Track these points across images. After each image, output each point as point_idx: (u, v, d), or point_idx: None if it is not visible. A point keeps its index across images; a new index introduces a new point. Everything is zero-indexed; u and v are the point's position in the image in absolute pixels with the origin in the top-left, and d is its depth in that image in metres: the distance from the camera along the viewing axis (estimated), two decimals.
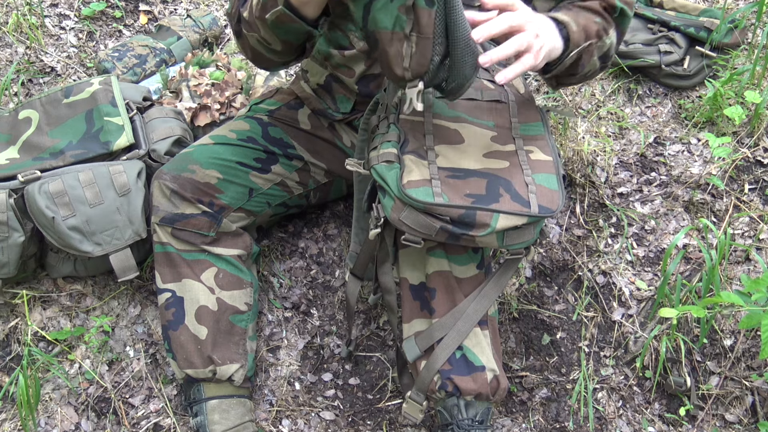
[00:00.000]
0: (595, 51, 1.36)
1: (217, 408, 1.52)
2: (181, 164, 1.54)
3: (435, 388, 1.35)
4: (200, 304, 1.51)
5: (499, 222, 1.18)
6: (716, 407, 1.65)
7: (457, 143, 1.29)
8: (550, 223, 1.91)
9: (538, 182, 1.24)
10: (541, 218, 1.21)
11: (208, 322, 1.51)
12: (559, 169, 1.27)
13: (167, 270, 1.53)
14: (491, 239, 1.22)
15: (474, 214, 1.17)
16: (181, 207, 1.51)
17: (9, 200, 1.53)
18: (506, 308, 1.78)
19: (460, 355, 1.34)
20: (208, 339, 1.50)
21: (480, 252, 1.39)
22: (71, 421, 1.60)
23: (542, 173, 1.26)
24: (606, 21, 1.38)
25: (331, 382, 1.69)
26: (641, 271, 1.84)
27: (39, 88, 2.06)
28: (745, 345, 1.68)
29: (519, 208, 1.19)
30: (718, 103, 2.03)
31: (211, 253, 1.54)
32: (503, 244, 1.23)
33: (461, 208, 1.17)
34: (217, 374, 1.50)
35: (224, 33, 2.30)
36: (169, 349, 1.53)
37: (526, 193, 1.21)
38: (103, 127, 1.64)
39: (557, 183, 1.24)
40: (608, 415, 1.66)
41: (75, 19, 2.23)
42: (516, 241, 1.23)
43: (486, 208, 1.18)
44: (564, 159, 1.95)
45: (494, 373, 1.35)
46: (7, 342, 1.69)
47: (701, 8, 2.21)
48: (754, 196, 1.92)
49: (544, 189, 1.23)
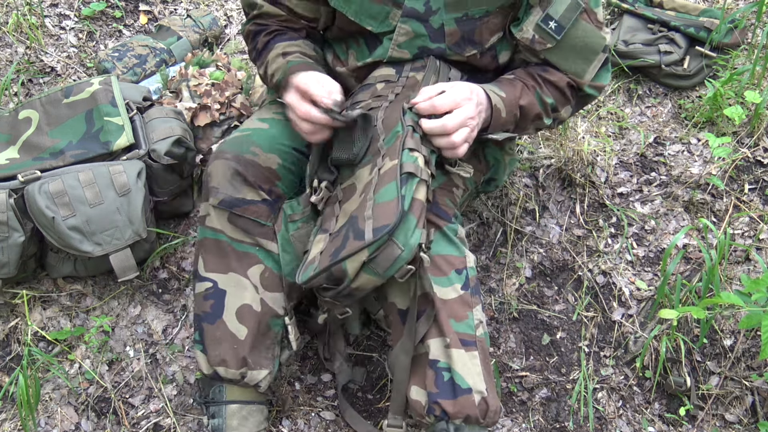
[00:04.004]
0: (530, 127, 1.46)
1: (237, 414, 1.47)
2: (242, 145, 1.44)
3: (423, 413, 1.32)
4: (244, 303, 1.42)
5: (349, 266, 1.20)
6: (716, 407, 1.65)
7: (353, 196, 1.31)
8: (550, 223, 1.91)
9: (378, 201, 1.21)
10: (383, 238, 1.17)
11: (249, 322, 1.42)
12: (403, 166, 1.22)
13: (214, 258, 1.43)
14: (365, 280, 1.22)
15: (331, 272, 1.22)
16: (242, 191, 1.41)
17: (9, 200, 1.53)
18: (506, 308, 1.78)
19: (448, 378, 1.30)
20: (247, 340, 1.42)
21: (464, 273, 1.35)
22: (71, 421, 1.60)
23: (384, 186, 1.22)
24: (563, 98, 1.44)
25: (331, 382, 1.69)
26: (641, 271, 1.84)
27: (39, 88, 2.06)
28: (745, 345, 1.68)
29: (358, 244, 1.18)
30: (718, 103, 2.03)
31: (264, 248, 1.44)
32: (383, 275, 1.21)
33: (323, 272, 1.23)
34: (246, 378, 1.43)
35: (224, 33, 2.30)
36: (199, 341, 1.44)
37: (364, 223, 1.20)
38: (103, 127, 1.64)
39: (396, 188, 1.20)
40: (608, 415, 1.66)
41: (75, 19, 2.23)
42: (394, 266, 1.20)
43: (334, 262, 1.20)
44: (564, 159, 1.95)
45: (482, 395, 1.29)
46: (7, 342, 1.69)
47: (701, 8, 2.21)
48: (754, 196, 1.92)
49: (381, 207, 1.20)
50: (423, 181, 1.22)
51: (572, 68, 1.41)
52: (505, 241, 1.88)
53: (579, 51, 1.39)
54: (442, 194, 1.41)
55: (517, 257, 1.86)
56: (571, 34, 1.37)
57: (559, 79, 1.41)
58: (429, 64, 1.42)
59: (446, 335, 1.30)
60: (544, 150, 2.02)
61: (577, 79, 1.42)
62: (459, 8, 1.37)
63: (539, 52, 1.39)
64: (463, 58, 1.43)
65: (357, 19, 1.41)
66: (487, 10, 1.38)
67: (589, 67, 1.41)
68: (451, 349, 1.30)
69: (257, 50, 1.49)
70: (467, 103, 1.28)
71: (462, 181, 1.49)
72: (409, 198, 1.20)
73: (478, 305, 1.36)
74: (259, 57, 1.48)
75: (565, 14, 1.35)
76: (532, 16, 1.36)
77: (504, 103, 1.36)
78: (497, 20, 1.40)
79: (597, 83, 1.44)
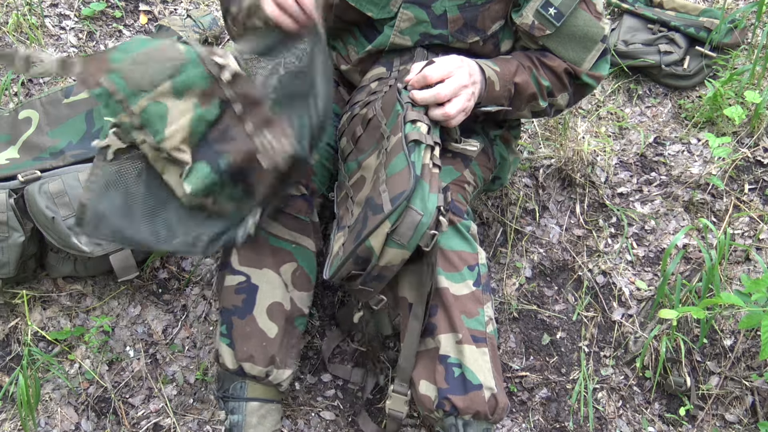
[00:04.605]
0: (525, 108, 1.45)
1: (257, 412, 1.46)
2: None
3: (432, 408, 1.32)
4: (275, 300, 1.41)
5: (374, 242, 1.19)
6: (716, 407, 1.65)
7: (364, 186, 1.31)
8: (550, 223, 1.91)
9: (390, 174, 1.21)
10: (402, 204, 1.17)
11: (279, 320, 1.41)
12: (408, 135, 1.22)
13: (249, 253, 1.42)
14: (392, 255, 1.21)
15: (357, 255, 1.21)
16: None
17: (9, 200, 1.53)
18: (506, 308, 1.78)
19: (459, 374, 1.31)
20: (277, 338, 1.41)
21: (476, 269, 1.36)
22: (71, 421, 1.60)
23: (393, 159, 1.22)
24: (560, 84, 1.44)
25: (331, 382, 1.69)
26: (641, 271, 1.84)
27: (39, 88, 2.06)
28: (745, 345, 1.68)
29: (378, 218, 1.18)
30: (718, 103, 2.03)
31: (300, 244, 1.44)
32: (408, 246, 1.20)
33: (349, 256, 1.22)
34: (270, 376, 1.42)
35: (224, 33, 2.30)
36: (227, 335, 1.41)
37: (380, 198, 1.20)
38: (103, 127, 1.64)
39: (405, 158, 1.20)
40: (608, 415, 1.66)
41: (75, 19, 2.23)
42: (417, 233, 1.18)
43: (358, 243, 1.20)
44: (564, 159, 1.95)
45: (492, 391, 1.30)
46: (7, 342, 1.69)
47: (701, 8, 2.21)
48: (754, 196, 1.93)
49: (395, 178, 1.20)
50: (428, 146, 1.22)
51: (571, 56, 1.42)
52: (505, 241, 1.88)
53: (578, 39, 1.41)
54: (455, 190, 1.42)
55: (517, 257, 1.86)
56: (570, 22, 1.39)
57: (557, 65, 1.42)
58: (417, 53, 1.42)
59: (458, 331, 1.31)
60: (544, 150, 2.02)
61: (575, 67, 1.43)
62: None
63: (538, 38, 1.40)
64: (466, 45, 1.43)
65: (357, 5, 1.41)
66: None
67: (588, 56, 1.42)
68: (463, 345, 1.30)
69: None
70: (458, 71, 1.28)
71: (473, 177, 1.50)
72: (419, 164, 1.19)
73: (489, 302, 1.37)
74: None
75: (565, 2, 1.37)
76: (533, 2, 1.37)
77: (498, 77, 1.36)
78: (499, 7, 1.41)
79: (595, 73, 1.45)
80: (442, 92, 1.25)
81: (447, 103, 1.26)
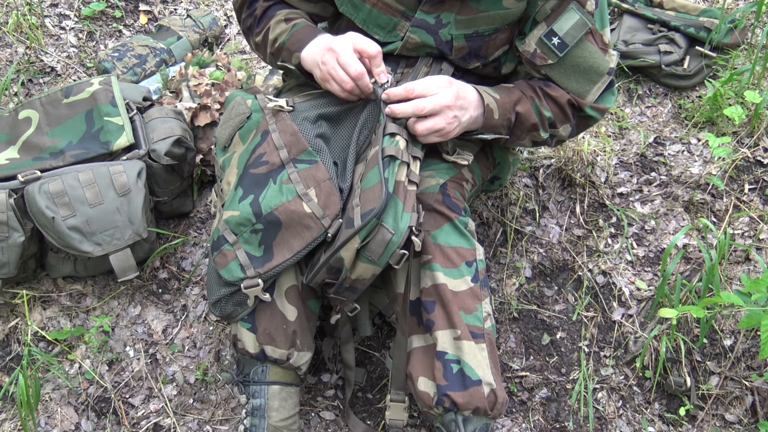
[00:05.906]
0: (526, 137, 1.44)
1: (278, 395, 1.46)
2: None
3: (431, 404, 1.33)
4: (292, 284, 1.40)
5: (344, 255, 1.23)
6: (716, 407, 1.65)
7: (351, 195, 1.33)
8: (550, 223, 1.91)
9: (364, 187, 1.23)
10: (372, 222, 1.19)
11: (296, 302, 1.40)
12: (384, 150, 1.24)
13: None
14: (363, 270, 1.25)
15: (330, 265, 1.26)
16: None
17: (9, 200, 1.53)
18: (506, 308, 1.78)
19: (457, 370, 1.31)
20: (297, 321, 1.40)
21: (474, 265, 1.37)
22: (71, 421, 1.60)
23: (369, 173, 1.24)
24: (563, 115, 1.42)
25: (331, 382, 1.69)
26: (641, 271, 1.84)
27: (39, 88, 2.06)
28: (745, 345, 1.68)
29: (349, 232, 1.21)
30: (718, 103, 2.03)
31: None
32: (378, 263, 1.24)
33: (323, 266, 1.27)
34: (291, 359, 1.41)
35: (224, 33, 2.30)
36: (247, 319, 1.40)
37: (353, 212, 1.23)
38: (103, 127, 1.64)
39: (378, 173, 1.21)
40: (608, 415, 1.66)
41: (75, 19, 2.23)
42: (387, 251, 1.22)
43: (330, 254, 1.23)
44: (564, 159, 1.95)
45: (491, 387, 1.31)
46: (7, 342, 1.69)
47: (701, 8, 2.22)
48: (754, 196, 1.93)
49: (367, 193, 1.22)
50: (404, 163, 1.24)
51: (574, 87, 1.40)
52: (505, 241, 1.88)
53: (582, 71, 1.38)
54: (453, 187, 1.42)
55: (517, 257, 1.86)
56: (574, 53, 1.35)
57: (560, 96, 1.40)
58: (420, 60, 1.43)
59: (456, 327, 1.31)
60: (544, 150, 2.02)
61: (578, 99, 1.40)
62: (470, 26, 1.37)
63: (540, 67, 1.38)
64: (467, 67, 1.44)
65: (364, 27, 1.41)
66: (497, 28, 1.38)
67: (593, 88, 1.40)
68: (461, 341, 1.31)
69: (255, 17, 1.47)
70: (444, 90, 1.28)
71: (471, 175, 1.50)
72: (393, 181, 1.22)
73: (487, 298, 1.37)
74: (258, 24, 1.46)
75: (570, 32, 1.33)
76: (536, 30, 1.35)
77: (497, 105, 1.36)
78: (504, 36, 1.40)
79: (600, 105, 1.42)
80: (420, 105, 1.26)
81: (427, 120, 1.27)
